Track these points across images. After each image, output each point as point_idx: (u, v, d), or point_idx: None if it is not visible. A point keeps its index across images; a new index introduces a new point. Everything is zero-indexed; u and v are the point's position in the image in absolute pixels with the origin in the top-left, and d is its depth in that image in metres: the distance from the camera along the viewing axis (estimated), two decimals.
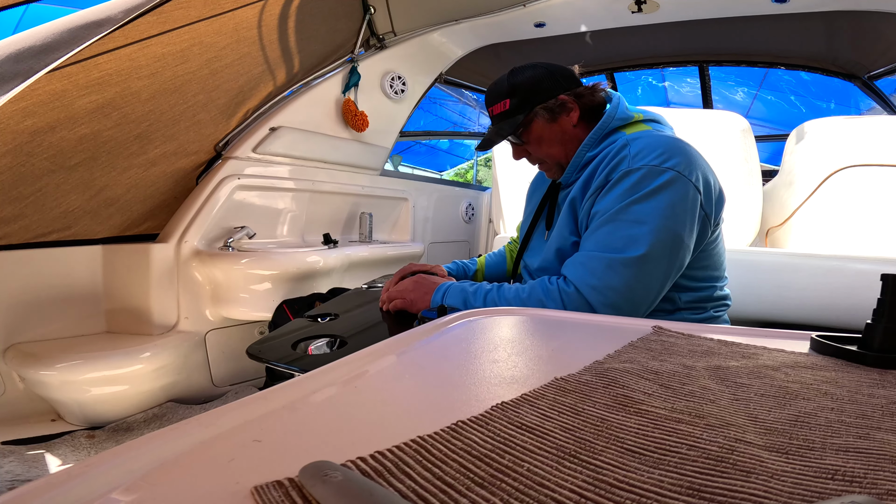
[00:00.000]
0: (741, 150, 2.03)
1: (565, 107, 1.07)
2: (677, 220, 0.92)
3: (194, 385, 1.85)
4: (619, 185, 0.95)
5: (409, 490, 0.23)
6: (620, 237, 0.91)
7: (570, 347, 0.52)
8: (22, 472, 1.32)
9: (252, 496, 0.22)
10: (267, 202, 2.10)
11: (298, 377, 0.40)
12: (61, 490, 0.23)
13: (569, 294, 0.92)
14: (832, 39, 2.34)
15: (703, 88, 2.83)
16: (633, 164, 0.95)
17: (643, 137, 1.00)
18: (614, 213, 0.93)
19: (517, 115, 1.07)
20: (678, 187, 0.93)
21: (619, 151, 0.98)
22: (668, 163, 0.94)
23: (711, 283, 1.08)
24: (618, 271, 0.90)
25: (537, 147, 1.11)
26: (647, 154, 0.95)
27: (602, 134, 1.06)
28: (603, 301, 0.90)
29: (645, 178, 0.93)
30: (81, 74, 1.37)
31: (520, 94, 1.07)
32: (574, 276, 0.93)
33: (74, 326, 1.71)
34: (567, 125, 1.08)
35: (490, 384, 0.39)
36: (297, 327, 1.16)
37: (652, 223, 0.91)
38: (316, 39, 2.09)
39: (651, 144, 0.97)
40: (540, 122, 1.08)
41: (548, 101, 1.07)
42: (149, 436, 0.28)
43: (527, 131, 1.09)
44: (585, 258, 0.94)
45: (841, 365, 0.46)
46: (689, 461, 0.26)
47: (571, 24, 2.46)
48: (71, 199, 1.59)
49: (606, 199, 0.96)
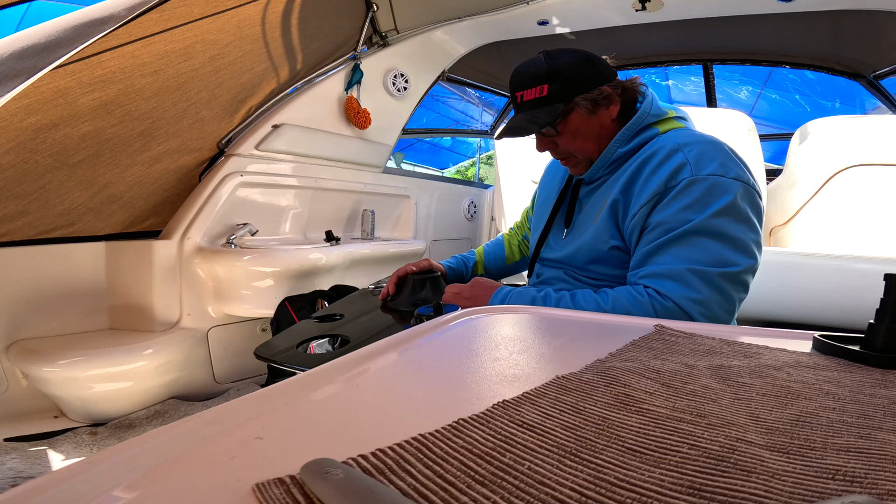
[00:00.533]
0: (745, 148, 2.03)
1: (609, 99, 1.00)
2: (755, 230, 0.92)
3: (196, 382, 1.86)
4: (686, 195, 0.90)
5: (410, 488, 0.23)
6: (710, 251, 0.88)
7: (572, 346, 0.52)
8: (24, 469, 1.33)
9: (253, 493, 0.22)
10: (269, 199, 2.10)
11: (300, 374, 0.40)
12: (64, 487, 0.23)
13: (667, 308, 0.88)
14: (838, 38, 2.33)
15: (707, 87, 2.82)
16: (696, 172, 0.91)
17: (694, 142, 0.95)
18: (697, 226, 0.89)
19: (556, 103, 0.98)
20: (750, 198, 0.92)
21: (671, 154, 0.93)
22: (732, 173, 0.91)
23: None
24: (718, 285, 0.87)
25: (571, 140, 1.02)
26: (709, 162, 0.91)
27: (635, 129, 1.01)
28: (707, 315, 0.87)
29: (715, 188, 0.90)
30: (85, 72, 1.37)
31: (561, 81, 0.97)
32: (669, 291, 0.88)
33: (77, 323, 1.72)
34: (606, 119, 1.01)
35: (491, 382, 0.39)
36: (303, 329, 1.17)
37: (740, 237, 0.89)
38: (319, 37, 2.09)
39: (708, 151, 0.93)
40: (579, 114, 0.99)
41: (590, 90, 0.99)
42: (151, 433, 0.28)
43: (564, 122, 1.00)
44: (673, 272, 0.89)
45: (843, 365, 0.46)
46: (690, 460, 0.26)
47: (575, 22, 2.45)
48: (74, 196, 1.59)
49: (673, 208, 0.91)
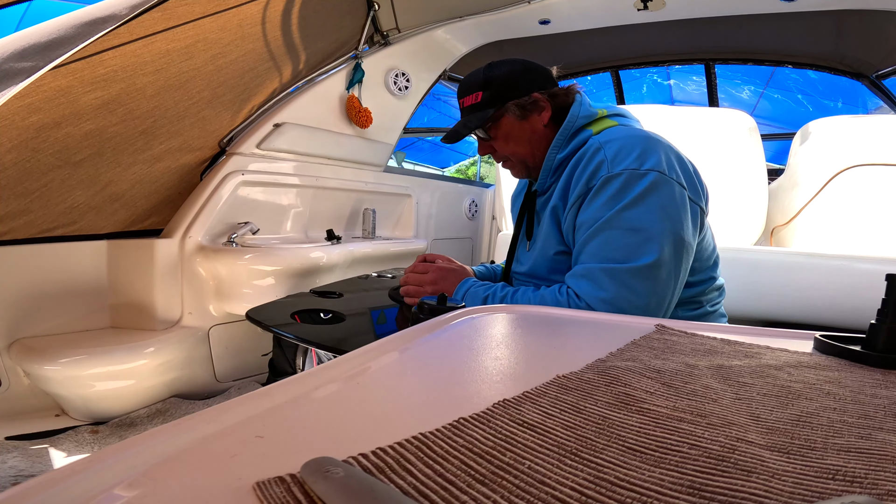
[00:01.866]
0: (747, 148, 2.03)
1: (538, 105, 1.06)
2: (673, 220, 0.91)
3: (197, 380, 1.86)
4: (603, 193, 0.93)
5: (410, 487, 0.23)
6: (619, 247, 0.89)
7: (573, 345, 0.52)
8: (26, 467, 1.33)
9: (254, 492, 0.22)
10: (271, 198, 2.10)
11: (300, 373, 0.40)
12: (65, 485, 0.23)
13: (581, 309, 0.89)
14: (840, 38, 2.32)
15: (708, 86, 2.82)
16: (612, 168, 0.93)
17: (615, 138, 0.98)
18: (606, 222, 0.91)
19: (488, 108, 1.05)
20: (664, 188, 0.91)
21: (594, 155, 0.96)
22: (647, 164, 0.92)
23: (706, 276, 1.06)
24: (625, 282, 0.88)
25: (504, 144, 1.08)
26: (625, 157, 0.93)
27: (569, 133, 1.05)
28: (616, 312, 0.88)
29: (628, 183, 0.91)
30: (87, 71, 1.37)
31: (493, 88, 1.05)
32: (582, 290, 0.91)
33: (79, 321, 1.72)
34: (538, 124, 1.07)
35: (492, 381, 0.39)
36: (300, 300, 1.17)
37: (650, 229, 0.89)
38: (320, 36, 2.09)
39: (626, 146, 0.95)
40: (510, 119, 1.06)
41: (521, 97, 1.05)
42: (152, 431, 0.29)
43: (495, 126, 1.07)
44: (587, 271, 0.92)
45: (844, 365, 0.46)
46: (690, 460, 0.26)
47: (576, 22, 2.45)
48: (76, 195, 1.59)
49: (592, 208, 0.94)
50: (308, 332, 0.99)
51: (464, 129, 1.07)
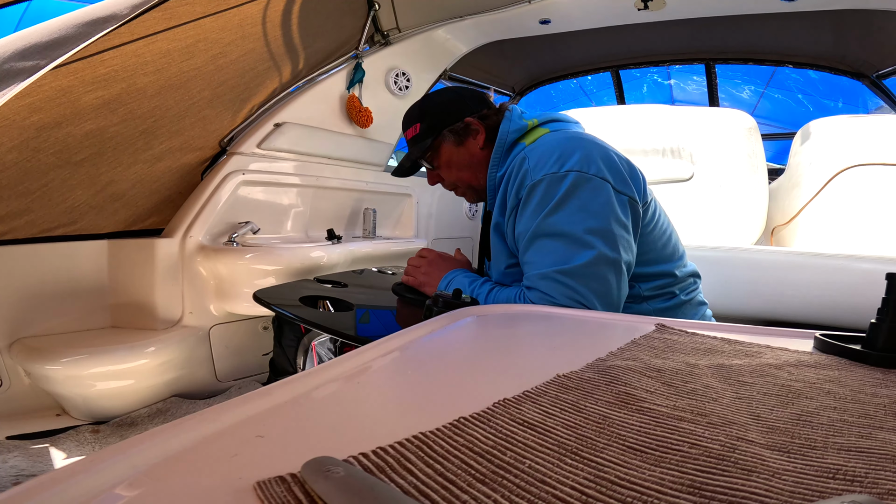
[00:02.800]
0: (747, 148, 2.03)
1: (470, 129, 1.08)
2: (598, 216, 0.91)
3: (198, 380, 1.86)
4: (530, 202, 0.94)
5: (410, 486, 0.23)
6: (553, 250, 0.91)
7: (573, 344, 0.52)
8: (27, 466, 1.33)
9: (255, 491, 0.22)
10: (271, 198, 2.10)
11: (301, 373, 0.40)
12: (66, 485, 0.23)
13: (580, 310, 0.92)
14: (841, 38, 2.32)
15: (709, 86, 2.82)
16: (534, 176, 0.95)
17: (539, 146, 0.99)
18: (535, 231, 0.93)
19: (426, 138, 1.08)
20: (585, 186, 0.92)
21: (520, 166, 0.98)
22: (566, 165, 0.93)
23: (667, 264, 1.05)
24: (567, 284, 0.88)
25: (448, 171, 1.12)
26: (544, 163, 0.95)
27: (503, 150, 1.06)
28: (600, 306, 0.89)
29: (549, 188, 0.92)
30: (87, 70, 1.37)
31: (429, 119, 1.09)
32: (535, 298, 0.92)
33: (79, 321, 1.72)
34: (474, 148, 1.09)
35: (492, 381, 0.39)
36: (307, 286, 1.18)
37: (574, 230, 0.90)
38: (320, 36, 2.09)
39: (545, 152, 0.96)
40: (448, 146, 1.09)
41: (455, 123, 1.08)
42: (152, 431, 0.29)
43: (436, 155, 1.11)
44: (531, 281, 0.93)
45: (844, 364, 0.46)
46: (690, 459, 0.26)
47: (577, 21, 2.45)
48: (77, 194, 1.59)
49: (523, 219, 0.96)
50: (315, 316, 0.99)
51: (407, 161, 1.12)
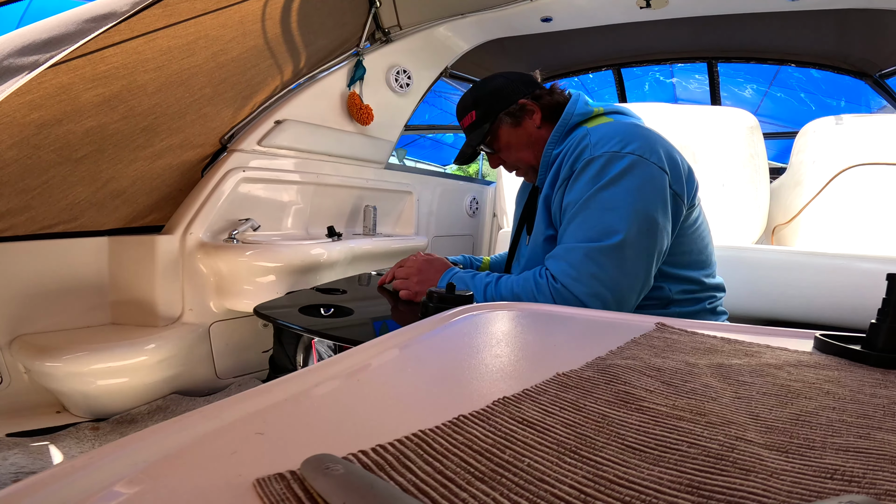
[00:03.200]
0: (749, 147, 2.02)
1: (526, 109, 1.11)
2: (647, 202, 0.93)
3: (198, 377, 1.86)
4: (584, 174, 0.96)
5: (409, 484, 0.23)
6: (594, 226, 0.92)
7: (573, 343, 0.52)
8: (26, 463, 1.34)
9: (254, 489, 0.22)
10: (271, 195, 2.10)
11: (301, 370, 0.40)
12: (66, 482, 0.23)
13: (556, 290, 0.93)
14: (843, 37, 2.32)
15: (711, 85, 2.81)
16: (594, 152, 0.97)
17: (604, 126, 1.02)
18: (584, 203, 0.94)
19: (483, 124, 1.12)
20: (642, 170, 0.94)
21: (580, 141, 1.00)
22: (628, 147, 0.95)
23: (699, 271, 1.07)
24: (597, 260, 0.90)
25: (508, 153, 1.15)
26: (607, 141, 0.97)
27: (564, 130, 1.09)
28: (587, 291, 0.90)
29: (607, 164, 0.94)
30: (88, 68, 1.37)
31: (483, 105, 1.12)
32: (556, 270, 0.94)
33: (80, 318, 1.73)
34: (531, 127, 1.12)
35: (492, 379, 0.39)
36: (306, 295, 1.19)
37: (623, 208, 0.91)
38: (321, 33, 2.09)
39: (609, 132, 0.99)
40: (505, 129, 1.12)
41: (509, 106, 1.11)
42: (152, 428, 0.29)
43: (495, 139, 1.14)
44: (564, 251, 0.95)
45: (844, 364, 0.46)
46: (689, 458, 0.26)
47: (578, 19, 2.44)
48: (77, 191, 1.59)
49: (574, 190, 0.97)
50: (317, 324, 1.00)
51: (468, 148, 1.15)
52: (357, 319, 1.02)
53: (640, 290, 0.95)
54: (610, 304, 0.91)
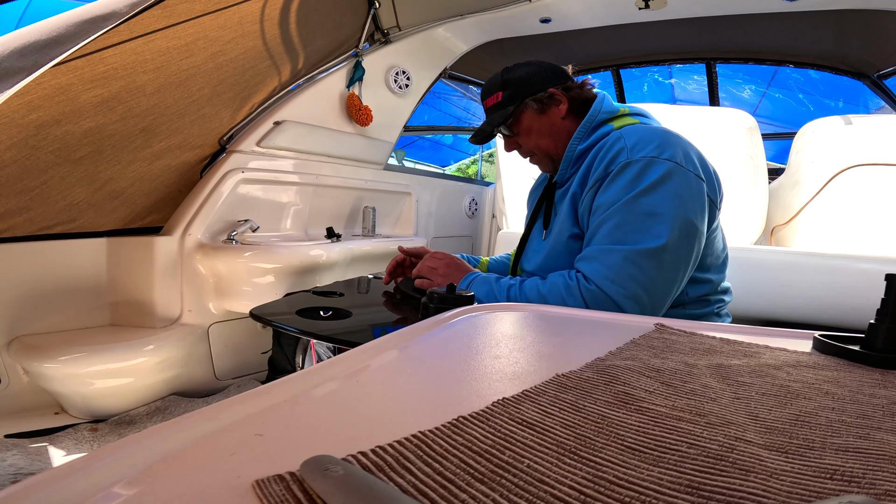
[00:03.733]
0: (747, 147, 2.03)
1: (554, 99, 1.11)
2: (687, 208, 0.93)
3: (197, 378, 1.86)
4: (621, 177, 0.95)
5: (409, 485, 0.23)
6: (633, 229, 0.91)
7: (572, 344, 0.52)
8: (25, 465, 1.33)
9: (253, 490, 0.22)
10: (271, 196, 2.10)
11: (300, 371, 0.40)
12: (64, 483, 0.23)
13: (590, 291, 0.91)
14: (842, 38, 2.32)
15: (709, 86, 2.82)
16: (631, 155, 0.96)
17: (636, 130, 1.01)
18: (622, 206, 0.93)
19: (508, 106, 1.11)
20: (681, 177, 0.94)
21: (614, 143, 0.99)
22: (666, 154, 0.95)
23: (716, 275, 1.08)
24: (636, 262, 0.89)
25: (527, 138, 1.14)
26: (645, 146, 0.96)
27: (590, 126, 1.09)
28: (624, 293, 0.89)
29: (646, 168, 0.94)
30: (87, 68, 1.37)
31: (511, 87, 1.11)
32: (591, 271, 0.92)
33: (78, 319, 1.72)
34: (556, 117, 1.11)
35: (491, 380, 0.39)
36: (303, 298, 1.18)
37: (664, 213, 0.91)
38: (320, 34, 2.09)
39: (646, 137, 0.98)
40: (530, 114, 1.11)
41: (538, 93, 1.10)
42: (151, 429, 0.29)
43: (517, 122, 1.13)
44: (599, 252, 0.93)
45: (843, 365, 0.46)
46: (688, 459, 0.26)
47: (577, 20, 2.44)
48: (76, 192, 1.59)
49: (609, 192, 0.96)
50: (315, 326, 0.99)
51: (488, 127, 1.13)
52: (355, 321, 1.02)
53: (673, 296, 0.95)
54: (646, 307, 0.90)
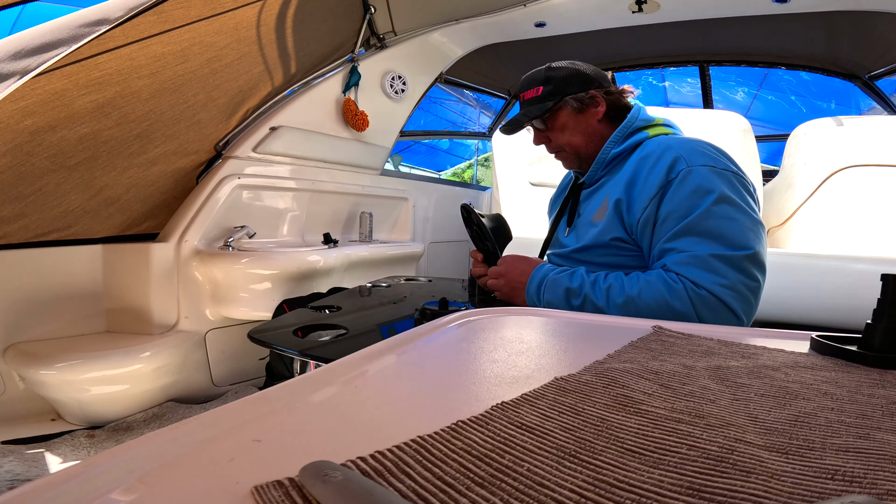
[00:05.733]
0: (741, 150, 2.03)
1: (594, 101, 1.13)
2: (756, 213, 0.96)
3: (194, 385, 1.85)
4: (687, 184, 0.95)
5: (409, 490, 0.23)
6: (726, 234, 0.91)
7: (571, 347, 0.52)
8: (22, 471, 1.32)
9: (252, 496, 0.22)
10: (267, 202, 2.10)
11: (298, 377, 0.40)
12: (61, 490, 0.23)
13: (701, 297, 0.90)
14: (833, 39, 2.34)
15: (703, 88, 2.83)
16: (690, 163, 0.96)
17: (681, 140, 1.03)
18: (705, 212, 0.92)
19: (547, 101, 1.13)
20: (742, 184, 0.97)
21: (664, 151, 1.00)
22: (722, 164, 0.97)
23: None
24: (742, 267, 0.91)
25: (560, 134, 1.15)
26: (700, 155, 0.98)
27: (627, 132, 1.11)
28: (737, 297, 0.90)
29: (712, 176, 0.95)
30: (81, 74, 1.37)
31: (554, 83, 1.13)
32: (699, 278, 0.91)
33: (74, 326, 1.71)
34: (592, 119, 1.13)
35: (490, 384, 0.38)
36: (299, 316, 1.18)
37: (746, 220, 0.93)
38: (316, 39, 2.09)
39: (696, 147, 1.00)
40: (567, 111, 1.13)
41: (579, 93, 1.12)
42: (148, 435, 0.28)
43: (553, 118, 1.14)
44: (695, 258, 0.92)
45: (841, 365, 0.46)
46: (688, 461, 0.26)
47: (572, 24, 2.46)
48: (71, 199, 1.58)
49: (677, 199, 0.95)
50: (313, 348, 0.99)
51: (524, 118, 1.15)
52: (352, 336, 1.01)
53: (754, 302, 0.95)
54: (753, 309, 0.92)
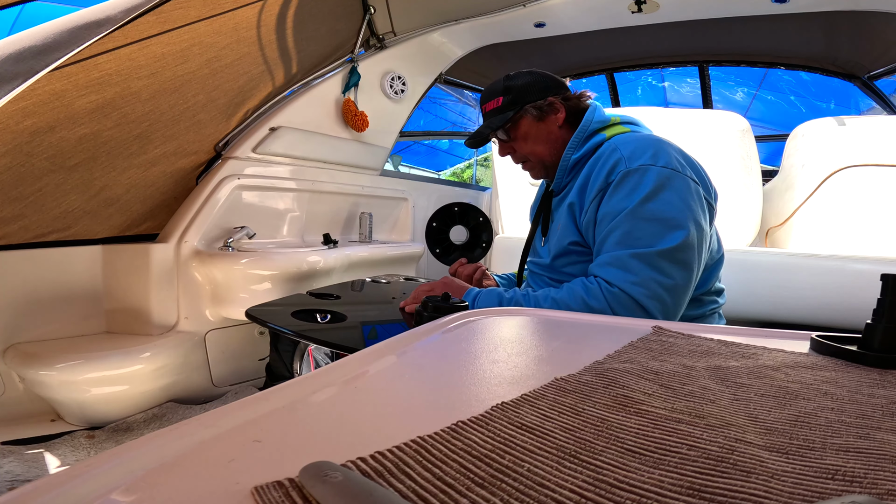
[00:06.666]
0: (741, 150, 2.03)
1: (553, 107, 1.14)
2: (692, 210, 0.96)
3: (194, 385, 1.85)
4: (622, 187, 0.98)
5: (409, 490, 0.23)
6: (645, 234, 0.94)
7: (570, 348, 0.52)
8: (22, 472, 1.32)
9: (252, 496, 0.22)
10: (267, 202, 2.10)
11: (298, 377, 0.40)
12: (61, 490, 0.23)
13: (613, 294, 0.93)
14: (832, 39, 2.34)
15: (702, 88, 2.83)
16: (629, 164, 0.99)
17: (629, 139, 1.05)
18: (629, 213, 0.96)
19: (507, 111, 1.14)
20: (679, 181, 0.97)
21: (610, 154, 1.03)
22: (661, 161, 0.99)
23: (711, 273, 1.10)
24: (655, 265, 0.92)
25: (523, 144, 1.16)
26: (640, 155, 1.00)
27: (584, 136, 1.12)
28: (647, 294, 0.92)
29: (646, 176, 0.97)
30: (81, 74, 1.37)
31: (513, 93, 1.14)
32: (611, 276, 0.94)
33: (74, 326, 1.71)
34: (553, 126, 1.14)
35: (490, 384, 0.38)
36: (299, 300, 1.18)
37: (672, 216, 0.94)
38: (316, 39, 2.09)
39: (640, 146, 1.02)
40: (528, 120, 1.14)
41: (538, 100, 1.13)
42: (148, 436, 0.28)
43: (514, 127, 1.15)
44: (614, 259, 0.95)
45: (841, 365, 0.46)
46: (689, 461, 0.26)
47: (571, 24, 2.46)
48: (71, 199, 1.58)
49: (613, 201, 0.99)
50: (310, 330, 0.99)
51: (486, 130, 1.16)
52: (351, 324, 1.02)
53: (689, 294, 0.97)
54: (669, 307, 0.93)
